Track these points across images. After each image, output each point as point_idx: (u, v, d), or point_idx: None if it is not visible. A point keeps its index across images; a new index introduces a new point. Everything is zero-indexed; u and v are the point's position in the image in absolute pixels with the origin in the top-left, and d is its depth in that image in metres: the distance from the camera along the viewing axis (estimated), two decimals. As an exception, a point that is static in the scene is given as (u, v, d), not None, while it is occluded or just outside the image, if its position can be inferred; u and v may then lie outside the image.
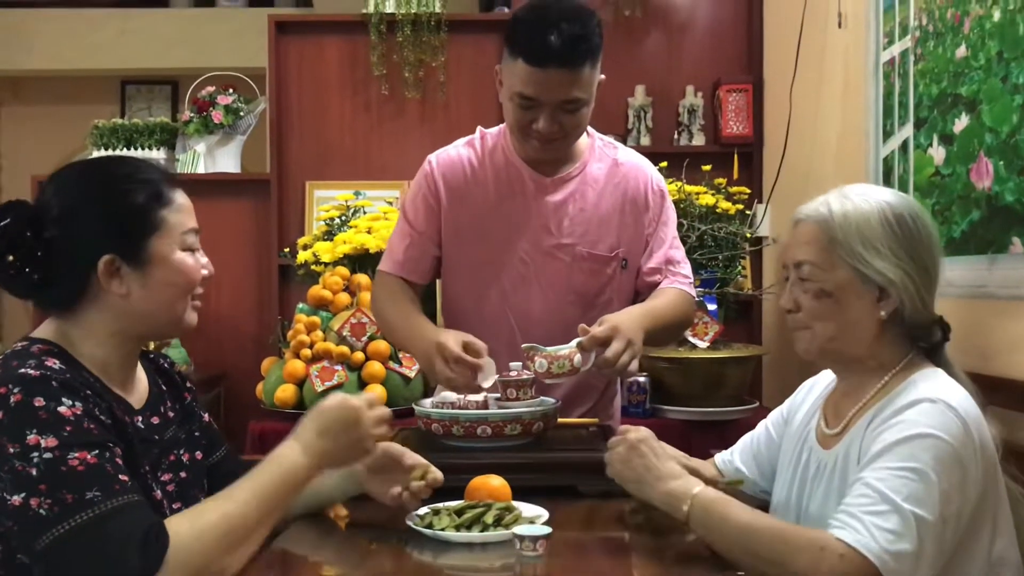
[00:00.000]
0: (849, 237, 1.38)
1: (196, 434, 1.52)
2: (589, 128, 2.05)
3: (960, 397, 1.32)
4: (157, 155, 3.85)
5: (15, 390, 1.21)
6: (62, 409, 1.21)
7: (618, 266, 2.01)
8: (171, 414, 1.48)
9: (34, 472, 1.17)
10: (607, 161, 2.04)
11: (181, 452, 1.46)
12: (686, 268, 2.07)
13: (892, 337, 1.41)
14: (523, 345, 1.77)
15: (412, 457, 1.53)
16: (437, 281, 2.20)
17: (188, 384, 1.57)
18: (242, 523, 1.24)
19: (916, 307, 1.38)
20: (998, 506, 1.35)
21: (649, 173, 2.06)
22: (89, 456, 1.19)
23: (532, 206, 1.99)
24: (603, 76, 1.92)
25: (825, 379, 1.59)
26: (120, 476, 1.21)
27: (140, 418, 1.40)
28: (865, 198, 1.41)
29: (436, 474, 1.50)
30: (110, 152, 3.84)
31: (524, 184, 2.00)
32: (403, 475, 1.50)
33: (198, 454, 1.51)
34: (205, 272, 1.44)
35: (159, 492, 1.36)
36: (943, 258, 1.44)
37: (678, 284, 2.02)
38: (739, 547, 1.29)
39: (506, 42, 1.86)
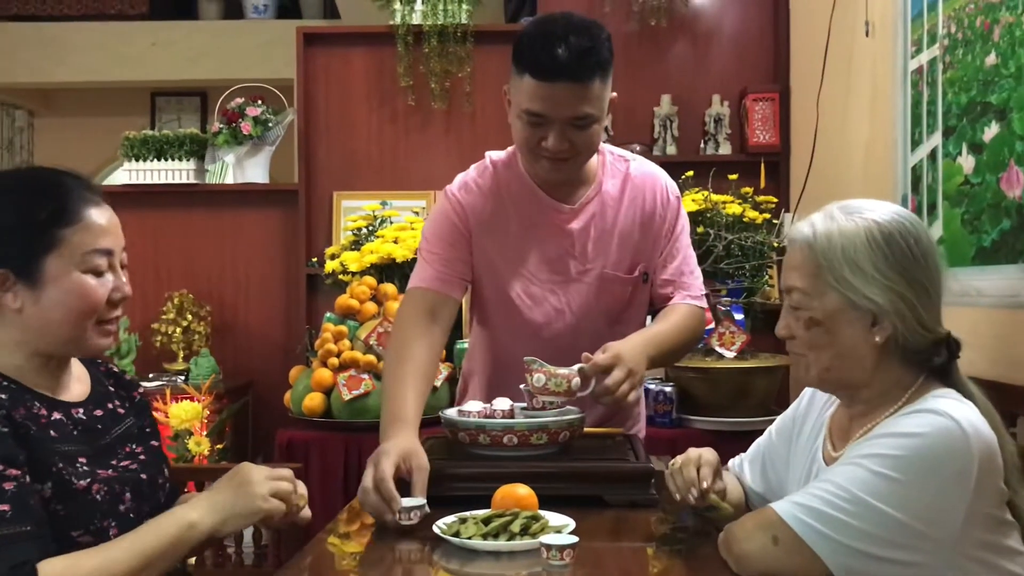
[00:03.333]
0: (834, 262, 1.31)
1: (148, 429, 1.53)
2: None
3: (970, 414, 1.26)
4: (187, 165, 3.90)
5: None
6: None
7: (640, 280, 1.99)
8: (121, 410, 1.48)
9: None
10: (620, 176, 1.98)
11: (135, 446, 1.47)
12: (697, 279, 2.02)
13: (894, 361, 1.34)
14: (525, 358, 1.75)
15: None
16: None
17: (138, 389, 1.57)
18: (118, 573, 1.22)
19: (914, 330, 1.31)
20: (996, 525, 1.28)
21: (662, 183, 2.00)
22: None
23: (556, 236, 1.95)
24: (615, 94, 1.85)
25: None
26: (0, 506, 1.17)
27: (80, 410, 1.39)
28: (852, 217, 1.33)
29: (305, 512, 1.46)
30: (141, 163, 3.89)
31: (545, 214, 1.94)
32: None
33: (153, 443, 1.52)
34: (116, 295, 1.38)
35: (96, 483, 1.33)
36: (944, 274, 1.35)
37: (689, 299, 1.98)
38: None
39: (513, 58, 1.80)
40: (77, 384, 1.44)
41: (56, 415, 1.35)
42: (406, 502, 1.45)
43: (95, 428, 1.40)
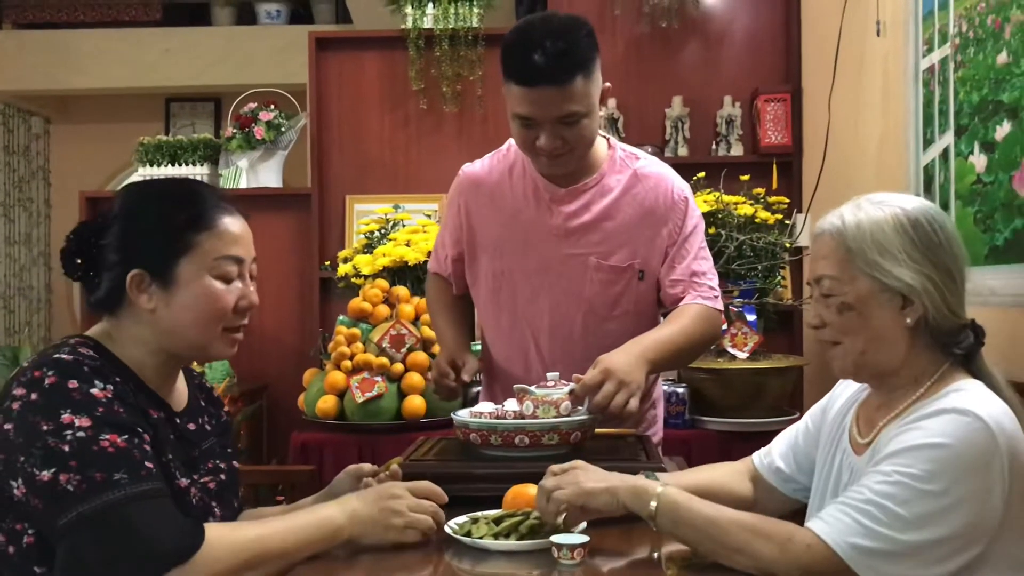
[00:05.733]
0: (864, 247, 1.35)
1: (229, 450, 1.57)
2: (611, 139, 2.06)
3: (995, 409, 1.28)
4: (200, 171, 3.93)
5: (49, 373, 1.26)
6: (95, 391, 1.26)
7: (634, 277, 1.98)
8: (208, 427, 1.53)
9: (67, 449, 1.21)
10: (627, 172, 2.01)
11: (219, 462, 1.51)
12: (712, 280, 2.01)
13: (924, 346, 1.37)
14: (515, 386, 1.77)
15: (371, 467, 1.60)
16: None
17: (225, 408, 1.63)
18: (273, 550, 1.30)
19: (942, 312, 1.34)
20: None
21: (671, 183, 2.01)
22: (119, 439, 1.24)
23: (546, 216, 1.99)
24: (607, 84, 1.90)
25: None
26: (147, 463, 1.25)
27: (178, 420, 1.44)
28: (879, 206, 1.38)
29: (394, 466, 1.60)
30: (156, 168, 3.92)
31: (539, 195, 2.00)
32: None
33: (234, 463, 1.56)
34: (243, 303, 1.43)
35: (193, 487, 1.40)
36: (967, 262, 1.39)
37: (700, 299, 1.96)
38: (708, 538, 1.30)
39: (501, 66, 1.85)
40: (180, 394, 1.49)
41: (161, 415, 1.40)
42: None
43: (188, 440, 1.45)
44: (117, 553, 1.19)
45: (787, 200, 3.43)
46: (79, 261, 1.39)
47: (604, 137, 2.03)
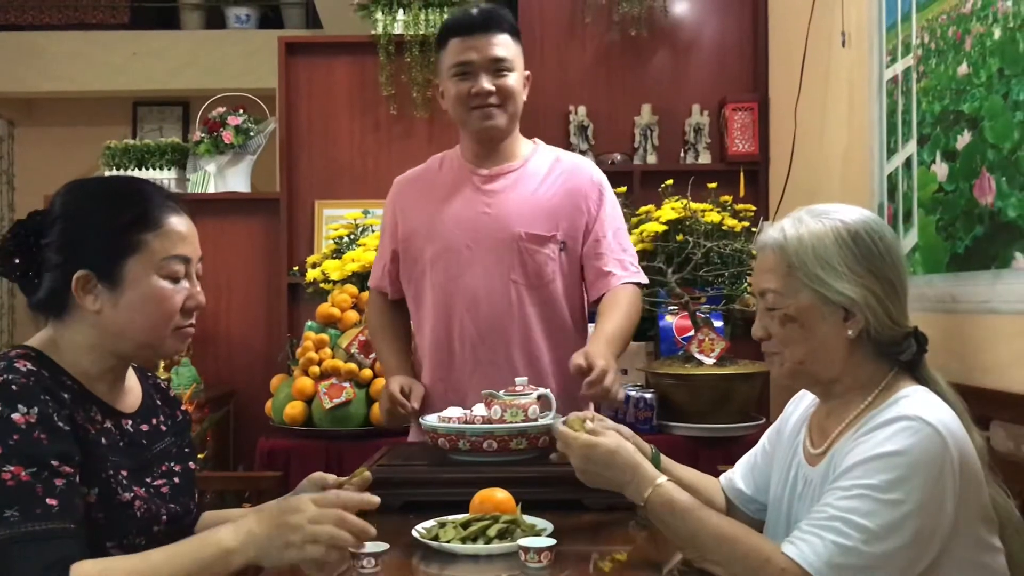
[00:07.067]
0: (806, 260, 1.37)
1: (187, 449, 1.54)
2: (536, 139, 2.29)
3: (943, 415, 1.30)
4: (168, 175, 3.90)
5: None
6: (16, 416, 1.22)
7: (557, 248, 2.15)
8: (164, 427, 1.50)
9: None
10: (550, 159, 2.24)
11: (173, 464, 1.48)
12: (630, 254, 2.24)
13: (866, 355, 1.39)
14: (483, 392, 1.83)
15: (334, 478, 1.49)
16: None
17: (182, 407, 1.61)
18: None
19: (884, 323, 1.37)
20: (980, 522, 1.32)
21: (589, 169, 2.26)
22: (24, 473, 1.19)
23: (473, 196, 2.18)
24: (528, 72, 2.21)
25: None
26: (48, 500, 1.19)
27: (130, 422, 1.42)
28: (820, 219, 1.39)
29: (365, 473, 1.48)
30: (123, 172, 3.88)
31: (467, 179, 2.20)
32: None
33: (191, 464, 1.53)
34: (191, 303, 1.42)
35: (137, 500, 1.35)
36: (907, 271, 1.42)
37: (626, 278, 2.18)
38: (691, 542, 1.33)
39: (438, 41, 2.20)
40: (131, 395, 1.46)
41: (108, 423, 1.37)
42: (369, 547, 1.29)
43: (139, 443, 1.42)
44: None
45: (754, 208, 3.46)
46: (17, 260, 1.35)
47: (532, 141, 2.28)
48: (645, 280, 2.24)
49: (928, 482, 1.25)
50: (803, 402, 1.59)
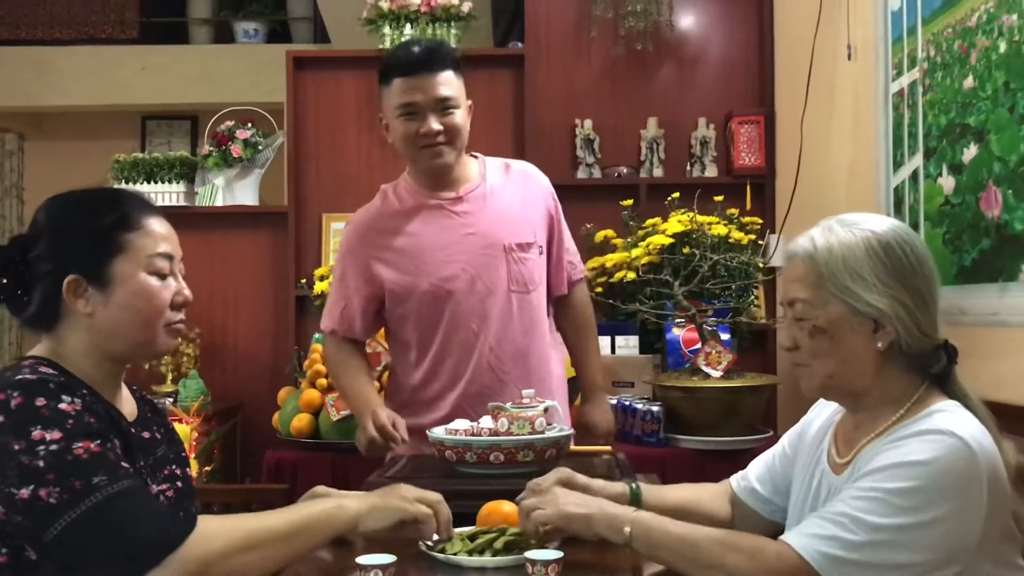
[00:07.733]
0: (836, 271, 1.35)
1: (183, 455, 1.57)
2: (477, 153, 2.32)
3: (973, 429, 1.28)
4: (176, 188, 3.91)
5: (14, 394, 1.26)
6: (63, 405, 1.27)
7: (538, 252, 2.24)
8: (158, 435, 1.53)
9: (41, 464, 1.21)
10: (501, 170, 2.30)
11: (174, 468, 1.51)
12: (575, 251, 2.41)
13: (896, 368, 1.37)
14: (490, 404, 1.84)
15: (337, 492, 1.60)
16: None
17: (167, 416, 1.66)
18: (272, 529, 1.31)
19: (915, 335, 1.34)
20: (1003, 540, 1.31)
21: (536, 172, 2.35)
22: (92, 445, 1.25)
23: (449, 221, 2.21)
24: (470, 102, 2.22)
25: None
26: (122, 464, 1.27)
27: (133, 429, 1.44)
28: (850, 229, 1.37)
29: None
30: (132, 185, 3.90)
31: (436, 207, 2.22)
32: None
33: (188, 470, 1.56)
34: (179, 298, 1.45)
35: (158, 495, 1.41)
36: (939, 283, 1.40)
37: (578, 273, 2.38)
38: (683, 557, 1.33)
39: (380, 78, 2.20)
40: (129, 403, 1.49)
41: (122, 424, 1.40)
42: (376, 559, 1.33)
43: (143, 447, 1.44)
44: (110, 552, 1.20)
45: (760, 221, 3.46)
46: (4, 281, 1.39)
47: (474, 156, 2.32)
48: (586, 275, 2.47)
49: (952, 497, 1.23)
50: (827, 408, 1.56)
